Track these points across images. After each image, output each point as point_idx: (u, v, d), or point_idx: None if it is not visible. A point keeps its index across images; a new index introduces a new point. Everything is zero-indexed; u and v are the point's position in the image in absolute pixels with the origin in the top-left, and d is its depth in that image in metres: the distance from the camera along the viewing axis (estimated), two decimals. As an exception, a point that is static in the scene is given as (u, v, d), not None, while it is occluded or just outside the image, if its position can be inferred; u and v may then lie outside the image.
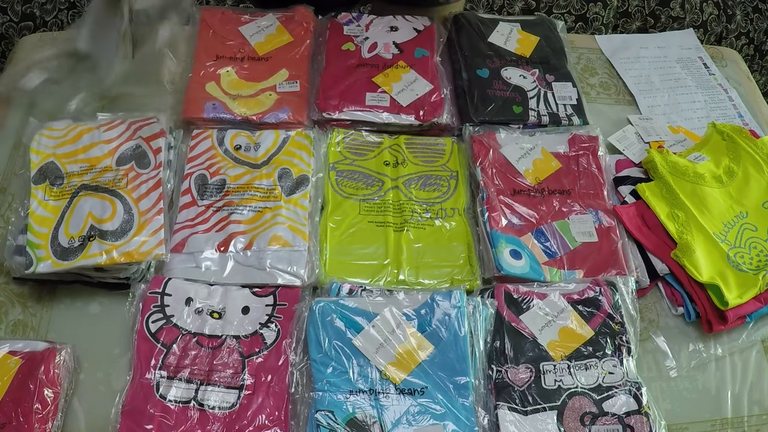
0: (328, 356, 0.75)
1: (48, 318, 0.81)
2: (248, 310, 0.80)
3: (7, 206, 0.90)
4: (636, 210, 0.91)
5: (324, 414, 0.71)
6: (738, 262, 0.85)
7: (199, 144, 0.93)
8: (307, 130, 0.96)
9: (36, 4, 1.97)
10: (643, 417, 0.73)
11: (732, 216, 0.90)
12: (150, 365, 0.75)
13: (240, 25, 1.06)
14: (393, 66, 1.03)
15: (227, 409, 0.73)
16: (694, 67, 1.17)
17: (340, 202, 0.91)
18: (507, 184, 0.93)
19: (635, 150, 1.00)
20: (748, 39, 2.14)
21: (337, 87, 1.00)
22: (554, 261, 0.87)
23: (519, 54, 1.08)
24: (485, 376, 0.76)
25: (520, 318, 0.80)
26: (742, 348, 0.84)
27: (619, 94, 1.12)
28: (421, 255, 0.87)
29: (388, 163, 0.96)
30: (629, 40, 1.21)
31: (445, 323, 0.77)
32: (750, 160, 0.95)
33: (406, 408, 0.72)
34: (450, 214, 0.91)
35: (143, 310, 0.78)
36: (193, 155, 0.92)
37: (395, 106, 0.98)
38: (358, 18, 1.10)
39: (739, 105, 1.12)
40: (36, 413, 0.69)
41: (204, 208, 0.87)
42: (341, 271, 0.84)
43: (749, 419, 0.79)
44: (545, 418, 0.73)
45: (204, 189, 0.89)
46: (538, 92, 1.03)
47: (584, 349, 0.78)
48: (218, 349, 0.76)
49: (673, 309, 0.87)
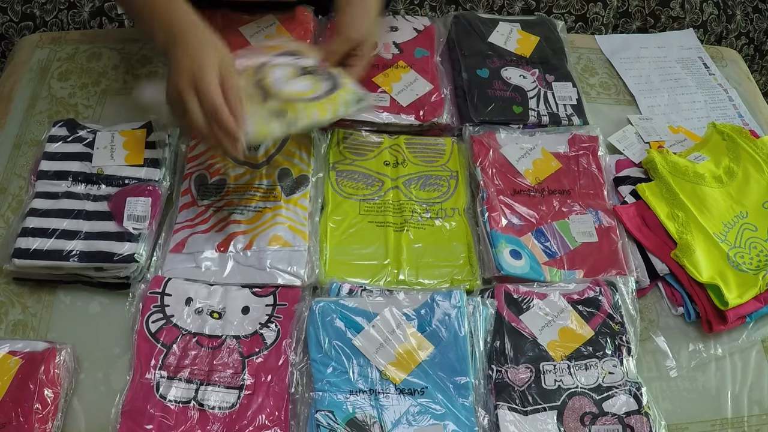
0: (328, 356, 0.75)
1: (48, 318, 0.81)
2: (248, 310, 0.80)
3: (6, 206, 0.90)
4: (636, 210, 0.91)
5: (324, 414, 0.71)
6: (738, 262, 0.85)
7: (200, 143, 0.93)
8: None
9: (36, 4, 1.97)
10: (643, 417, 0.73)
11: (732, 216, 0.90)
12: (150, 365, 0.74)
13: (240, 25, 1.06)
14: (393, 66, 1.03)
15: (227, 409, 0.73)
16: (694, 67, 1.17)
17: (340, 202, 0.91)
18: (507, 184, 0.93)
19: (635, 150, 1.00)
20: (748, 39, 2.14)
21: (337, 87, 1.00)
22: (554, 261, 0.87)
23: (519, 54, 1.08)
24: (485, 376, 0.76)
25: (520, 318, 0.80)
26: (742, 348, 0.84)
27: (619, 94, 1.12)
28: (421, 255, 0.87)
29: (388, 163, 0.96)
30: (629, 40, 1.21)
31: (445, 323, 0.77)
32: (750, 160, 0.95)
33: (406, 408, 0.72)
34: (450, 214, 0.91)
35: (143, 310, 0.78)
36: (193, 155, 0.92)
37: (395, 106, 0.98)
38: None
39: (739, 105, 1.12)
40: (36, 413, 0.69)
41: (204, 208, 0.87)
42: (341, 271, 0.84)
43: (749, 419, 0.79)
44: (545, 418, 0.73)
45: (204, 189, 0.89)
46: (538, 92, 1.03)
47: (584, 349, 0.78)
48: (218, 349, 0.76)
49: (673, 309, 0.87)
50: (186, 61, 0.74)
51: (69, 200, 0.85)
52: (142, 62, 1.07)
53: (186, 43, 0.76)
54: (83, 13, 1.99)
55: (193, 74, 0.74)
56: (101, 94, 1.03)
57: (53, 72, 1.05)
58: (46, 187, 0.87)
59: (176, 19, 0.79)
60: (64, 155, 0.90)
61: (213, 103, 0.73)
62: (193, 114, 0.74)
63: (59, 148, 0.90)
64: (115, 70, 1.06)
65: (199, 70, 0.74)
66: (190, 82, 0.74)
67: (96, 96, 1.02)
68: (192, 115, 0.74)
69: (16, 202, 0.90)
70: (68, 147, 0.90)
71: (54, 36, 1.12)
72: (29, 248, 0.80)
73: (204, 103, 0.73)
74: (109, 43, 1.10)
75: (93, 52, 1.08)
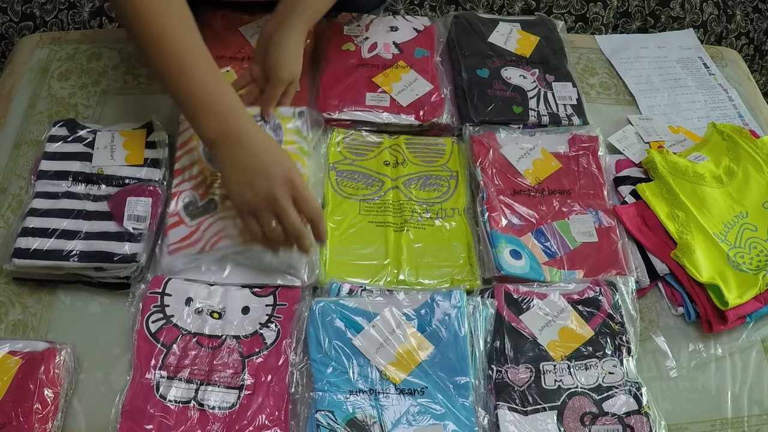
0: (328, 356, 0.75)
1: (48, 318, 0.81)
2: (248, 310, 0.80)
3: (6, 206, 0.90)
4: (636, 210, 0.91)
5: (324, 414, 0.71)
6: (738, 262, 0.85)
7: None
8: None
9: (36, 4, 1.97)
10: (643, 417, 0.73)
11: (732, 216, 0.90)
12: (150, 365, 0.74)
13: (240, 25, 1.06)
14: (393, 66, 1.03)
15: (227, 409, 0.73)
16: (694, 67, 1.17)
17: (340, 202, 0.91)
18: (507, 184, 0.93)
19: (635, 150, 1.00)
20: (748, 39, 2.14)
21: (337, 87, 1.00)
22: (554, 261, 0.87)
23: (519, 54, 1.08)
24: (485, 376, 0.76)
25: (520, 318, 0.80)
26: (742, 348, 0.84)
27: (619, 94, 1.12)
28: (421, 255, 0.87)
29: (388, 163, 0.96)
30: (629, 40, 1.21)
31: (445, 323, 0.77)
32: (750, 160, 0.95)
33: (406, 408, 0.72)
34: (450, 214, 0.91)
35: (143, 310, 0.78)
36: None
37: (395, 106, 0.98)
38: (358, 18, 1.10)
39: (739, 105, 1.12)
40: (36, 413, 0.69)
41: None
42: (341, 271, 0.84)
43: (749, 419, 0.79)
44: (545, 418, 0.73)
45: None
46: (538, 92, 1.03)
47: (584, 349, 0.78)
48: (218, 349, 0.76)
49: (673, 309, 0.87)
50: (276, 168, 0.75)
51: (69, 200, 0.85)
52: (142, 62, 1.07)
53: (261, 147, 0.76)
54: (83, 13, 1.99)
55: (291, 182, 0.75)
56: (101, 94, 1.03)
57: (53, 72, 1.05)
58: (46, 187, 0.87)
59: (233, 111, 0.77)
60: (64, 155, 0.90)
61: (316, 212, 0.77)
62: (292, 218, 0.75)
63: (59, 148, 0.90)
64: (115, 70, 1.06)
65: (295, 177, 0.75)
66: (288, 190, 0.75)
67: (96, 96, 1.02)
68: (290, 218, 0.75)
69: (16, 202, 0.90)
70: (68, 147, 0.90)
71: (54, 36, 1.12)
72: (29, 248, 0.80)
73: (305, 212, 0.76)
74: (109, 43, 1.10)
75: (93, 52, 1.08)
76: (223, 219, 0.83)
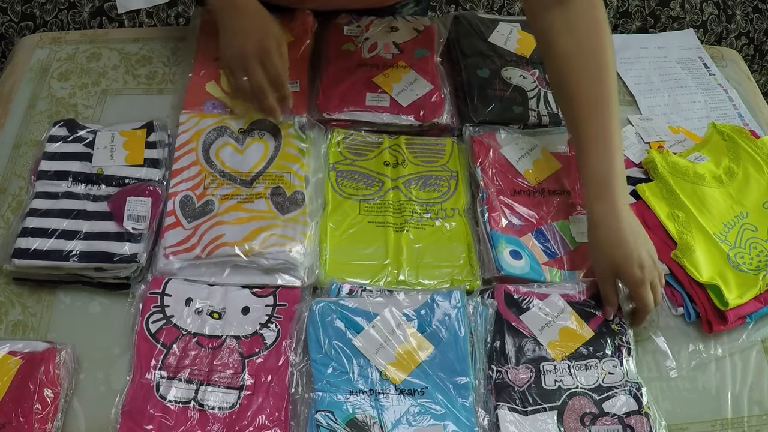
0: (328, 356, 0.75)
1: (48, 318, 0.81)
2: (248, 310, 0.80)
3: (6, 206, 0.90)
4: (636, 210, 0.91)
5: (324, 414, 0.71)
6: (738, 263, 0.85)
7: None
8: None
9: (36, 4, 1.97)
10: (643, 417, 0.73)
11: (732, 216, 0.90)
12: (150, 365, 0.74)
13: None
14: (393, 66, 1.03)
15: (227, 410, 0.73)
16: (694, 67, 1.17)
17: (340, 203, 0.91)
18: (507, 185, 0.93)
19: (635, 150, 1.00)
20: (748, 39, 2.14)
21: (338, 87, 1.00)
22: (554, 261, 0.87)
23: (519, 54, 1.08)
24: (485, 377, 0.76)
25: (520, 318, 0.80)
26: (742, 348, 0.84)
27: (619, 94, 1.11)
28: (421, 255, 0.87)
29: (388, 163, 0.96)
30: (629, 40, 1.21)
31: (445, 323, 0.77)
32: (750, 161, 0.95)
33: (406, 408, 0.72)
34: (450, 215, 0.91)
35: (143, 311, 0.78)
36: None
37: (395, 107, 0.98)
38: (357, 18, 1.10)
39: (739, 105, 1.12)
40: (36, 413, 0.69)
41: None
42: (341, 271, 0.84)
43: (749, 419, 0.79)
44: (545, 419, 0.73)
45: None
46: (538, 92, 1.03)
47: (584, 349, 0.78)
48: (218, 349, 0.76)
49: (673, 309, 0.87)
50: (253, 31, 0.88)
51: (69, 200, 0.85)
52: (142, 62, 1.07)
53: (249, 13, 0.89)
54: (83, 13, 1.99)
55: (261, 44, 0.87)
56: (101, 94, 1.03)
57: (53, 72, 1.05)
58: (46, 187, 0.87)
59: None
60: (64, 155, 0.90)
61: (278, 72, 0.89)
62: (257, 76, 0.88)
63: (59, 148, 0.90)
64: (115, 70, 1.06)
65: (267, 40, 0.88)
66: (258, 50, 0.87)
67: (96, 96, 1.02)
68: (255, 76, 0.88)
69: (16, 202, 0.90)
70: (68, 147, 0.90)
71: (54, 36, 1.12)
72: (29, 248, 0.80)
73: (269, 71, 0.88)
74: (109, 43, 1.10)
75: (93, 52, 1.08)
76: (221, 223, 0.83)
